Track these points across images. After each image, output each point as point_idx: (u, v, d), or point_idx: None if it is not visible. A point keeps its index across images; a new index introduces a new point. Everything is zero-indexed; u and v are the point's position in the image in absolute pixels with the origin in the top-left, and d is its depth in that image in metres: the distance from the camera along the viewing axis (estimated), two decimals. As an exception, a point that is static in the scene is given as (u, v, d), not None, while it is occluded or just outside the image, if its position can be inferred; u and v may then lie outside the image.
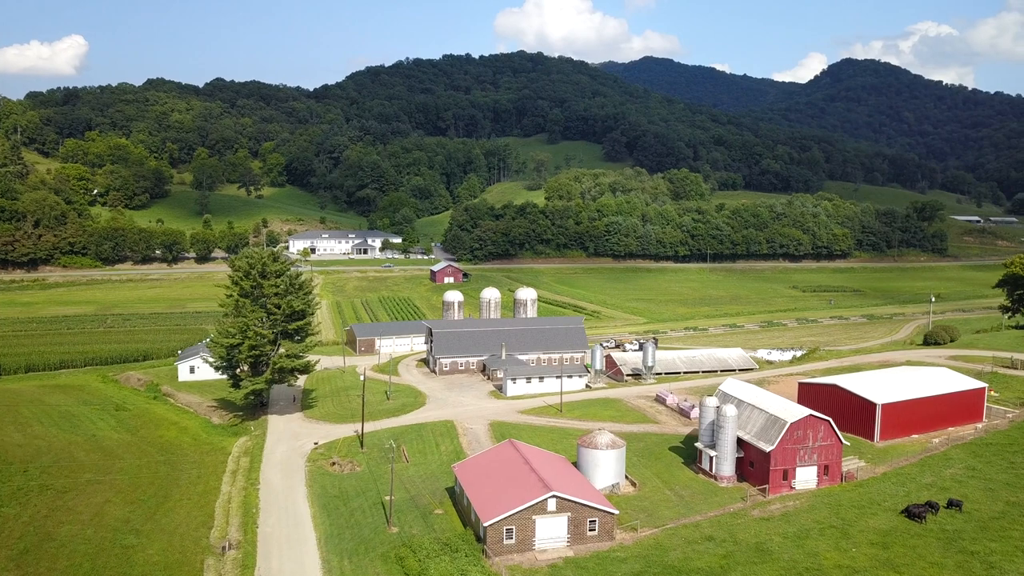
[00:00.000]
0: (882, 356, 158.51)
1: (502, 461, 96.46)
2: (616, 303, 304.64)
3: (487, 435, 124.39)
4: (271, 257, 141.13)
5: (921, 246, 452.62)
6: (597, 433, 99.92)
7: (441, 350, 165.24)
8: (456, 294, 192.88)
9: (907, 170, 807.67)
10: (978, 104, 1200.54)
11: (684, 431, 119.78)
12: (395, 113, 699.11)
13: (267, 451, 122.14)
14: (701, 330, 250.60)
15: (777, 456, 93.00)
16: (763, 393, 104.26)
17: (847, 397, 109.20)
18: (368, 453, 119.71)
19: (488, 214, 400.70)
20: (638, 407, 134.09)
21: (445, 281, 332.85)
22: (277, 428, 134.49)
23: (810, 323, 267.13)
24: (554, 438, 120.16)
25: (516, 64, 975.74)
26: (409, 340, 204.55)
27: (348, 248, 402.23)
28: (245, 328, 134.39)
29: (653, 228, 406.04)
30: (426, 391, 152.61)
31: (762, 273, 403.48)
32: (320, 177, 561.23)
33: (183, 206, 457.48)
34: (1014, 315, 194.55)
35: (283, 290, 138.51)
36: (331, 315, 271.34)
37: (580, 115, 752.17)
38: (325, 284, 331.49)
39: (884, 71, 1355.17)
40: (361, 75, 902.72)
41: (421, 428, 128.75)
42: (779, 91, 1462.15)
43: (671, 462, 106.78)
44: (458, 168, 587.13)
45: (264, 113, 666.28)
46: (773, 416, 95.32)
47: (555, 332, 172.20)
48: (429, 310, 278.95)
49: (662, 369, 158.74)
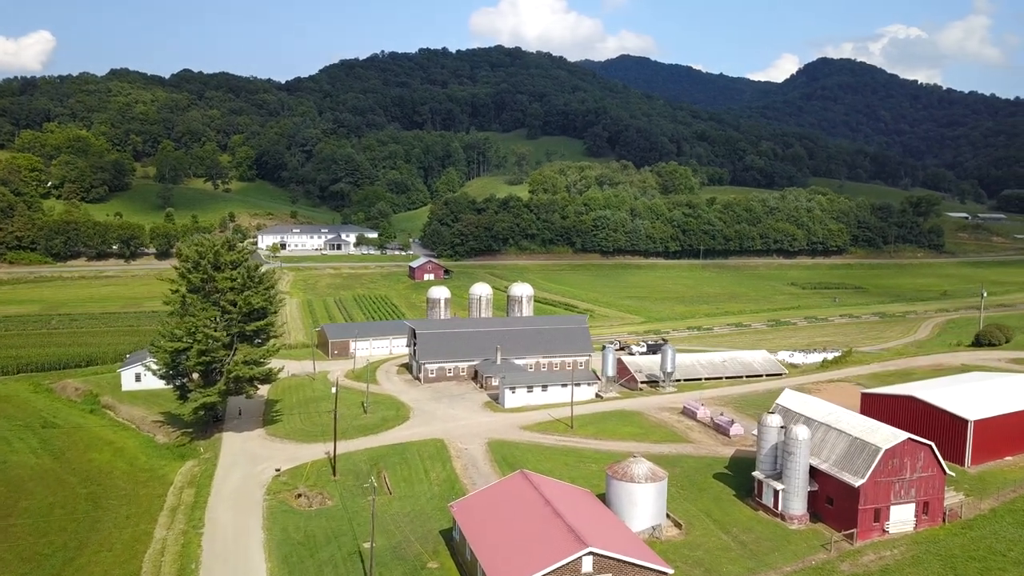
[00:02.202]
0: (932, 360, 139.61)
1: (514, 499, 75.45)
2: (609, 301, 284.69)
3: (485, 457, 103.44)
4: (225, 245, 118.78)
5: (917, 242, 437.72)
6: (632, 462, 79.25)
7: (426, 354, 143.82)
8: (442, 290, 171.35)
9: (888, 167, 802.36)
10: (953, 103, 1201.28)
11: (725, 452, 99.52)
12: (370, 106, 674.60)
13: (218, 480, 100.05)
14: (706, 330, 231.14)
15: (868, 492, 72.87)
16: (836, 409, 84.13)
17: (928, 411, 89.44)
18: (341, 482, 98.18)
19: (469, 208, 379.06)
20: (662, 422, 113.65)
21: (425, 278, 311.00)
22: (233, 449, 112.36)
23: (820, 322, 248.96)
24: (567, 462, 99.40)
25: (493, 59, 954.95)
26: (388, 342, 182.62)
27: (320, 244, 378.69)
28: (193, 330, 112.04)
29: (642, 223, 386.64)
30: (410, 402, 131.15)
31: (757, 270, 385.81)
32: (292, 171, 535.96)
33: (144, 200, 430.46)
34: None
35: (240, 284, 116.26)
36: (301, 315, 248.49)
37: (560, 110, 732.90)
38: (296, 281, 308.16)
39: (860, 70, 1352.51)
40: (335, 68, 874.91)
41: (405, 449, 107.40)
42: (755, 90, 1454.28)
43: (719, 495, 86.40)
44: (436, 162, 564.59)
45: (233, 105, 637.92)
46: (859, 440, 75.18)
47: (556, 333, 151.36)
48: (408, 309, 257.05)
49: (681, 375, 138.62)
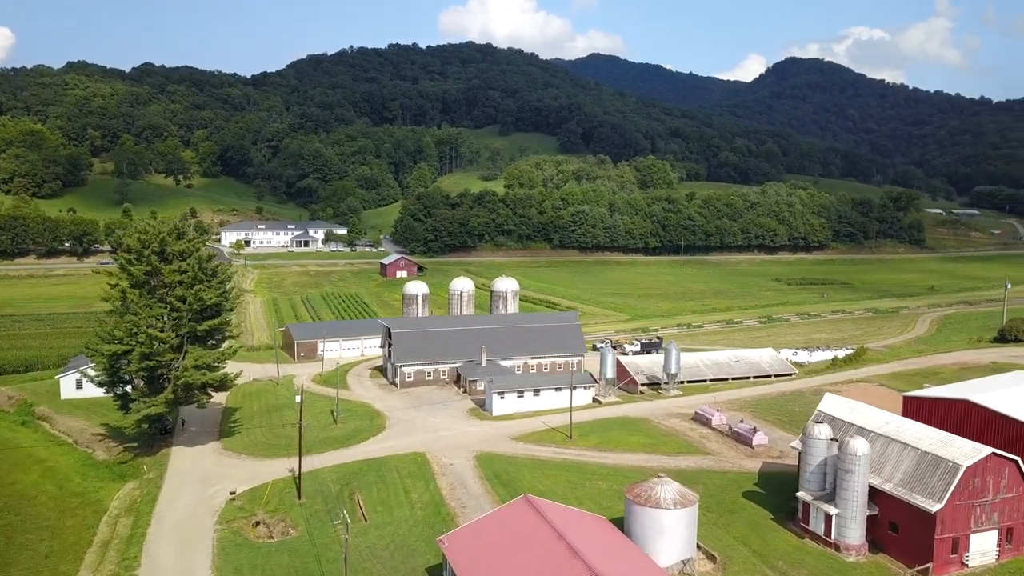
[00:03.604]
0: (956, 357, 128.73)
1: (518, 531, 62.05)
2: (590, 298, 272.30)
3: (474, 474, 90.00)
4: (173, 233, 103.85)
5: (898, 237, 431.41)
6: (657, 483, 66.25)
7: (403, 355, 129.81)
8: (419, 285, 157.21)
9: (860, 165, 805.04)
10: (919, 103, 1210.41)
11: (751, 466, 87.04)
12: (339, 101, 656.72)
13: (161, 506, 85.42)
14: (696, 327, 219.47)
15: (945, 518, 60.64)
16: (895, 417, 71.96)
17: (991, 419, 77.35)
18: (308, 506, 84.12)
19: (443, 203, 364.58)
20: (673, 430, 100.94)
21: (397, 275, 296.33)
22: (182, 467, 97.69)
23: (813, 318, 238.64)
24: (570, 479, 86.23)
25: (465, 55, 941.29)
26: (359, 343, 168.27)
27: (287, 240, 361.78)
28: (135, 330, 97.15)
29: (621, 218, 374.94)
30: (385, 410, 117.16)
31: (739, 265, 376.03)
32: (257, 167, 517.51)
33: (101, 196, 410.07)
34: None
35: (190, 278, 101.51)
36: (266, 314, 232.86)
37: (533, 106, 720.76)
38: (260, 280, 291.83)
39: (828, 69, 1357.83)
40: (303, 63, 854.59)
41: (382, 465, 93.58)
42: (725, 89, 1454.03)
43: (755, 518, 73.74)
44: (407, 157, 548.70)
45: (197, 99, 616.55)
46: (932, 455, 62.90)
47: (546, 332, 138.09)
48: (380, 307, 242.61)
49: (684, 376, 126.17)
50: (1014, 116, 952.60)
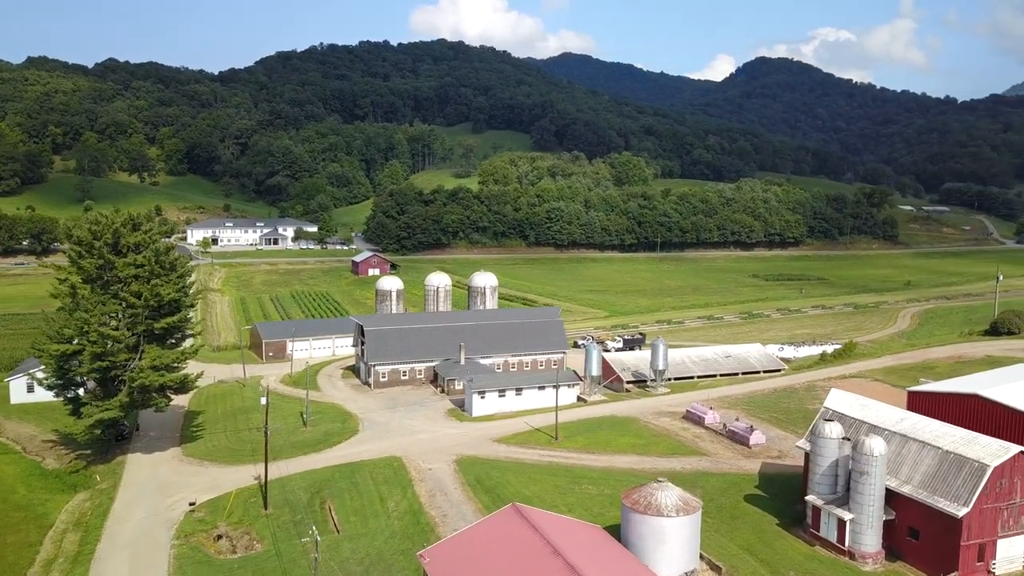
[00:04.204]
0: (950, 350, 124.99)
1: (507, 545, 56.23)
2: (568, 295, 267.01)
3: (454, 479, 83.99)
4: (127, 224, 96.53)
5: (872, 233, 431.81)
6: (657, 488, 60.77)
7: (377, 354, 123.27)
8: (394, 281, 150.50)
9: (830, 163, 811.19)
10: (886, 102, 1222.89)
11: (749, 467, 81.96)
12: (308, 98, 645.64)
13: (114, 519, 78.39)
14: (676, 323, 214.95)
15: (972, 522, 55.81)
16: (909, 414, 67.10)
17: (1002, 415, 72.92)
18: (274, 517, 77.55)
19: (416, 199, 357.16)
20: (665, 429, 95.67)
21: (369, 273, 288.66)
22: (138, 476, 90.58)
23: (794, 313, 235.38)
24: (558, 484, 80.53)
25: (436, 52, 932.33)
26: (330, 342, 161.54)
27: (256, 238, 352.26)
28: (85, 328, 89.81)
29: (597, 215, 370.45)
30: (358, 412, 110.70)
31: (715, 262, 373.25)
32: (225, 164, 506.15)
33: (62, 193, 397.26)
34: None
35: (147, 272, 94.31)
36: (233, 313, 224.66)
37: (506, 103, 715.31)
38: (228, 278, 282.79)
39: (797, 69, 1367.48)
40: (272, 60, 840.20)
41: (355, 471, 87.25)
42: (696, 88, 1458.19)
43: (759, 524, 68.57)
44: (379, 154, 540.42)
45: (162, 96, 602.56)
46: (955, 455, 58.08)
47: (527, 328, 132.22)
48: (352, 306, 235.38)
49: (671, 373, 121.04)
50: (978, 115, 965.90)
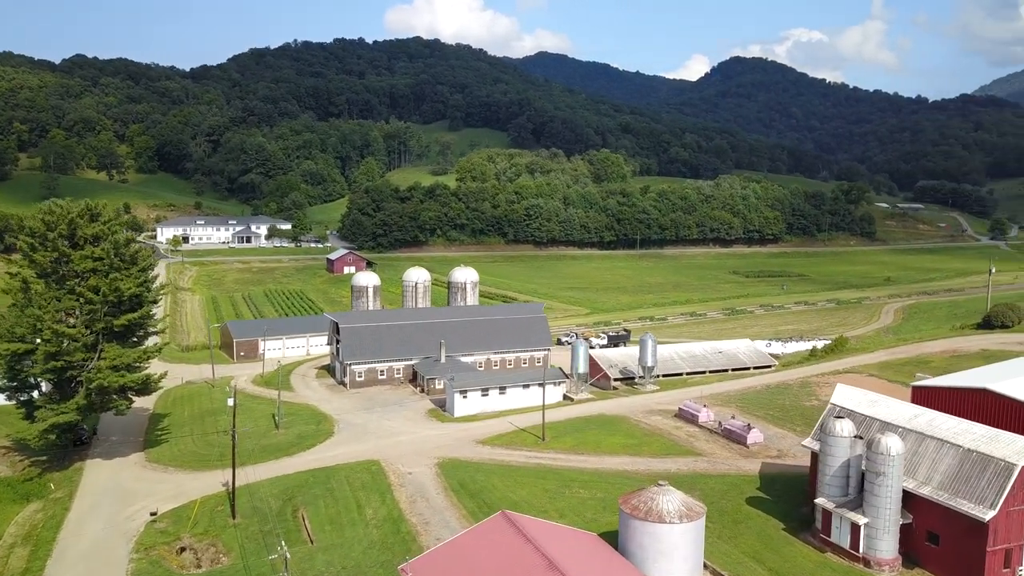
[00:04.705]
0: (944, 344, 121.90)
1: (497, 556, 51.36)
2: (548, 292, 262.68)
3: (436, 484, 78.95)
4: (85, 214, 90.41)
5: (850, 230, 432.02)
6: (658, 492, 56.23)
7: (353, 352, 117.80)
8: (370, 277, 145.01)
9: (805, 161, 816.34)
10: (859, 101, 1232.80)
11: (749, 467, 77.74)
12: (282, 96, 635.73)
13: (67, 531, 72.49)
14: (659, 320, 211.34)
15: (998, 526, 51.83)
16: (923, 410, 63.09)
17: (1013, 409, 69.34)
18: (243, 527, 72.08)
19: (393, 196, 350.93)
20: (656, 428, 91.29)
21: (345, 271, 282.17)
22: (96, 483, 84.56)
23: (777, 309, 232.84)
24: (547, 488, 75.77)
25: (412, 50, 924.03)
26: (304, 340, 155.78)
27: (228, 236, 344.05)
28: (38, 326, 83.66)
29: (576, 212, 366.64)
30: (333, 413, 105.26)
31: (695, 259, 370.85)
32: (197, 162, 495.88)
33: (27, 191, 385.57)
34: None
35: (106, 266, 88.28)
36: (204, 312, 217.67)
37: (482, 101, 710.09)
38: (199, 277, 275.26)
39: (771, 69, 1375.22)
40: (244, 57, 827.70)
41: (331, 476, 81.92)
42: (671, 88, 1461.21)
43: (764, 529, 64.28)
44: (354, 152, 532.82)
45: (132, 92, 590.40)
46: (977, 453, 54.11)
47: (509, 324, 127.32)
48: (327, 304, 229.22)
49: (659, 370, 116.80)
50: (949, 115, 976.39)
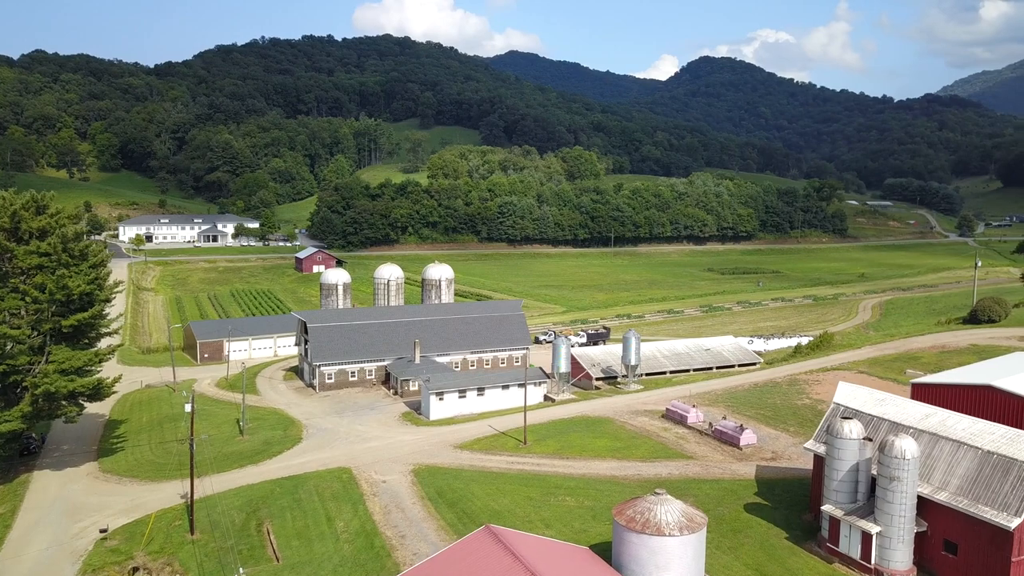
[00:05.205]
0: (931, 340, 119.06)
1: (481, 573, 46.53)
2: (523, 291, 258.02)
3: (412, 492, 73.84)
4: (30, 206, 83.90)
5: (822, 227, 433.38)
6: (656, 502, 51.71)
7: (322, 353, 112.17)
8: (340, 274, 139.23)
9: (775, 159, 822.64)
10: (827, 101, 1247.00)
11: (744, 471, 73.60)
12: (250, 92, 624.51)
13: (8, 551, 66.24)
14: (637, 317, 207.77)
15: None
16: (936, 410, 59.22)
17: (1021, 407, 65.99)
18: (202, 544, 66.40)
19: (363, 194, 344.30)
20: (643, 430, 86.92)
21: (314, 270, 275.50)
22: (44, 497, 78.19)
23: (754, 306, 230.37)
24: (531, 496, 70.99)
25: (382, 47, 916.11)
26: (272, 341, 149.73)
27: (194, 235, 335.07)
28: (-23, 327, 77.18)
29: (550, 209, 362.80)
30: (302, 418, 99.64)
31: (669, 256, 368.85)
32: (161, 160, 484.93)
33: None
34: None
35: (53, 262, 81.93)
36: (167, 313, 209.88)
37: (454, 99, 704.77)
38: (163, 276, 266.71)
39: (740, 68, 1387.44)
40: (211, 54, 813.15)
41: (299, 485, 76.46)
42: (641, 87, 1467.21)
43: (766, 539, 60.06)
44: (323, 149, 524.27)
45: (94, 89, 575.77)
46: (999, 456, 50.23)
47: (487, 323, 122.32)
48: (296, 304, 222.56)
49: (642, 368, 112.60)
50: (914, 114, 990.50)
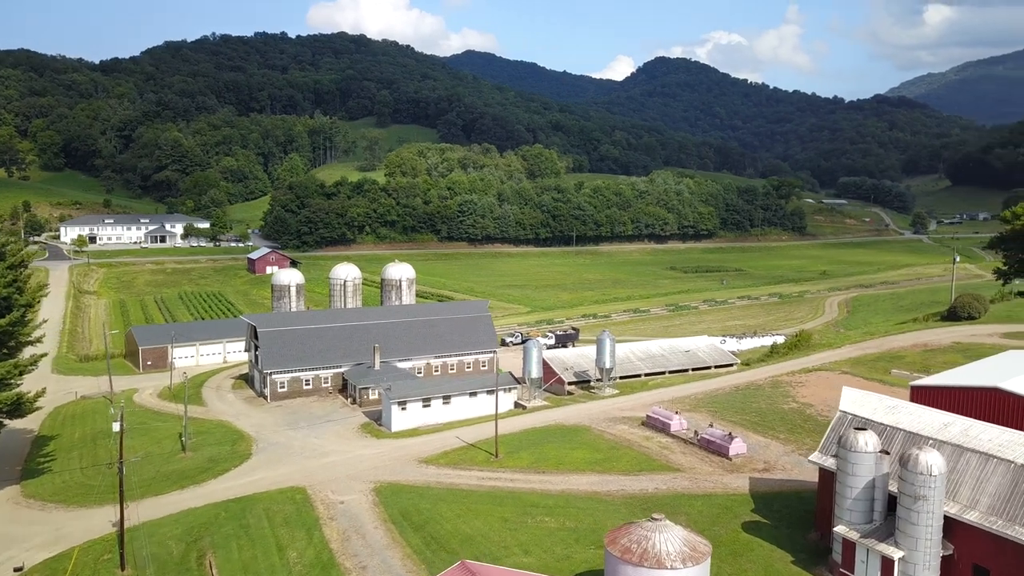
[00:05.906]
0: (912, 338, 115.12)
1: (458, 626, 39.66)
2: (485, 291, 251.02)
3: (373, 514, 66.63)
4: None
5: (781, 225, 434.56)
6: (652, 528, 45.41)
7: (273, 360, 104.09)
8: (292, 274, 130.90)
9: (732, 158, 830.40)
10: (779, 101, 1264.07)
11: (736, 484, 67.81)
12: (200, 90, 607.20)
13: (-95, 595, 57.74)
14: (603, 317, 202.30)
15: (1069, 560, 42.70)
16: (956, 418, 53.93)
17: (1035, 410, 61.28)
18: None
19: (318, 192, 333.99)
20: (623, 439, 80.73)
21: (268, 271, 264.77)
22: (-45, 527, 69.29)
23: (721, 304, 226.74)
24: (506, 517, 64.24)
25: (337, 45, 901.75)
26: (221, 347, 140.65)
27: (140, 236, 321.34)
28: None
29: (511, 208, 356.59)
30: (251, 431, 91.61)
31: (631, 255, 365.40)
32: (107, 158, 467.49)
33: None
34: (1009, 281, 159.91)
35: (-34, 262, 73.01)
36: (110, 317, 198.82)
37: (411, 97, 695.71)
38: (106, 279, 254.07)
39: (695, 69, 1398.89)
40: (159, 50, 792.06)
41: (246, 509, 68.71)
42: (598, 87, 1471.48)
43: (771, 562, 54.17)
44: (277, 148, 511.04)
45: (35, 85, 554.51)
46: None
47: (451, 325, 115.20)
48: (248, 307, 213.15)
49: (616, 372, 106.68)
50: (865, 114, 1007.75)
